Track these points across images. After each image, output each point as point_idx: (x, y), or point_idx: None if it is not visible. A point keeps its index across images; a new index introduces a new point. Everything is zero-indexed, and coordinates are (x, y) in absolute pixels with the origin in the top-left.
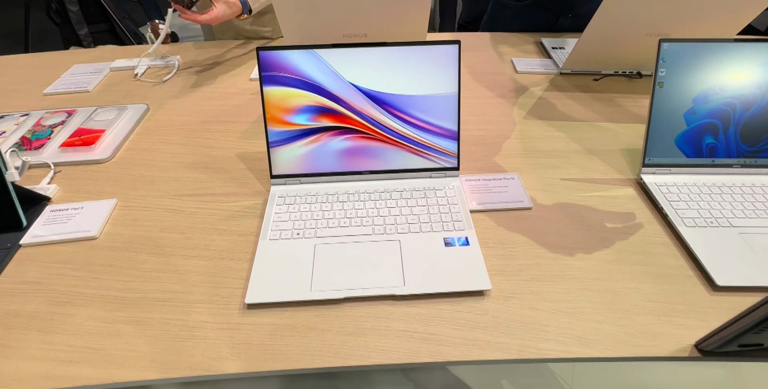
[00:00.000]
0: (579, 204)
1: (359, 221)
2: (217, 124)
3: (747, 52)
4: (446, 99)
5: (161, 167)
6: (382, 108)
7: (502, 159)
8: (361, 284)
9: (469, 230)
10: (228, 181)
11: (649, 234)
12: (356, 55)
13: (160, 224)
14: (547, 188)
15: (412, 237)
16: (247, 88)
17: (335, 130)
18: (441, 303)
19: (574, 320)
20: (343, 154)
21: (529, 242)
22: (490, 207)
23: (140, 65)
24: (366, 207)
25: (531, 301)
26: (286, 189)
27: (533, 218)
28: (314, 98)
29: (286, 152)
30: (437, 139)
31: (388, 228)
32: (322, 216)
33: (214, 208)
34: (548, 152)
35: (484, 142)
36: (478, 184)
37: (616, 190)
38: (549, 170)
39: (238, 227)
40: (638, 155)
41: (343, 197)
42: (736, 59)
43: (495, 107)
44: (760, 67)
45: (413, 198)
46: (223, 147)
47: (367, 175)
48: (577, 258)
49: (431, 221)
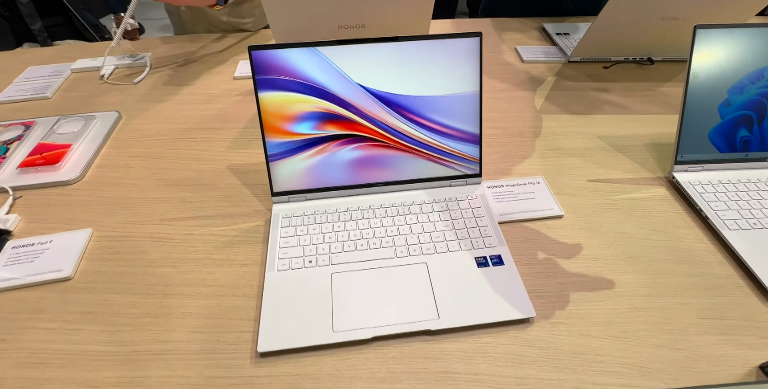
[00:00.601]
0: (611, 209)
1: (378, 242)
2: (202, 131)
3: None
4: (466, 99)
5: (141, 186)
6: (395, 111)
7: (522, 160)
8: (389, 319)
9: (501, 246)
10: (221, 199)
11: (689, 240)
12: (363, 52)
13: (147, 256)
14: (575, 192)
15: (439, 258)
16: (232, 89)
17: (343, 139)
18: (481, 335)
19: (628, 346)
20: (353, 164)
21: (565, 256)
22: (518, 217)
23: (106, 65)
24: (384, 224)
25: (580, 326)
26: (291, 207)
27: (566, 227)
28: (318, 103)
29: (288, 166)
30: (457, 144)
31: (411, 249)
32: (336, 239)
33: (208, 234)
34: (570, 150)
35: (500, 142)
36: (501, 191)
37: (648, 191)
38: (574, 171)
39: (239, 256)
40: (663, 150)
41: (356, 214)
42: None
43: (507, 101)
44: None
45: (434, 211)
46: (212, 159)
47: (381, 186)
48: (620, 272)
49: (458, 238)
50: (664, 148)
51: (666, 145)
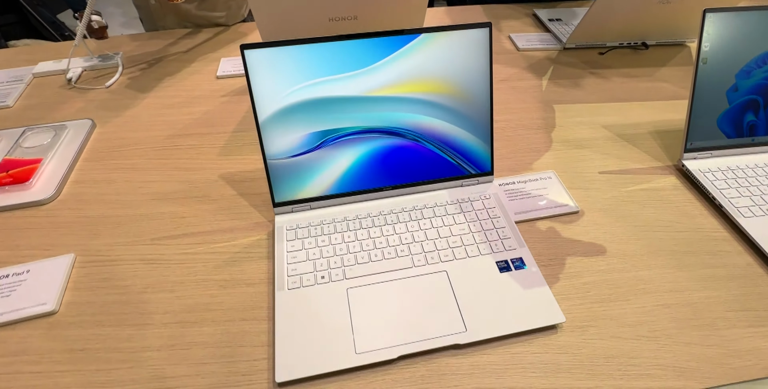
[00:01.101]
0: (625, 201)
1: (393, 251)
2: (188, 137)
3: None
4: (476, 92)
5: (126, 202)
6: (402, 106)
7: (530, 154)
8: (415, 335)
9: (521, 248)
10: (217, 213)
11: (706, 230)
12: (366, 47)
13: (141, 282)
14: (588, 185)
15: (459, 265)
16: (216, 89)
17: (347, 137)
18: (511, 345)
19: (661, 346)
20: (360, 167)
21: (586, 254)
22: (534, 215)
23: (72, 68)
24: (397, 231)
25: (610, 328)
26: (295, 218)
27: (583, 223)
28: (319, 102)
29: (290, 172)
30: (467, 140)
31: (429, 257)
32: (348, 250)
33: (206, 252)
34: (577, 142)
35: (506, 135)
36: (514, 188)
37: (659, 180)
38: (583, 163)
39: (244, 274)
40: (669, 137)
41: (366, 222)
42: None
43: (508, 92)
44: None
45: (448, 214)
46: (202, 167)
47: (389, 190)
48: (643, 267)
49: (476, 242)
50: (670, 135)
51: (670, 131)
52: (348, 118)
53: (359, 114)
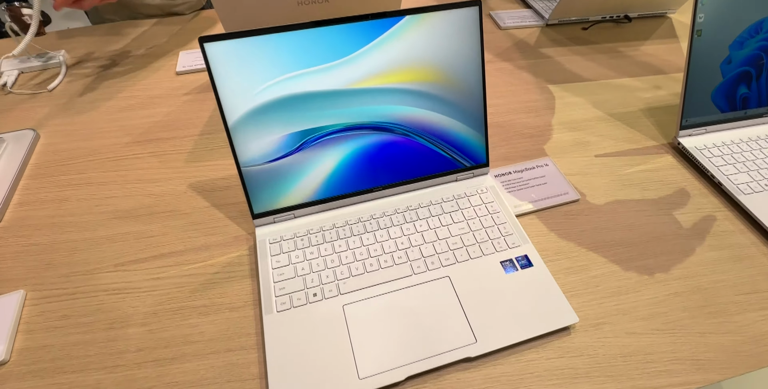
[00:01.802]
0: (625, 185)
1: (390, 259)
2: (149, 144)
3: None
4: (467, 78)
5: (83, 224)
6: (389, 98)
7: (523, 140)
8: (421, 351)
9: (525, 244)
10: (189, 229)
11: (707, 209)
12: (344, 33)
13: (106, 316)
14: (586, 170)
15: (462, 268)
16: (177, 86)
17: (330, 136)
18: (525, 352)
19: (676, 338)
20: (346, 168)
21: (592, 244)
22: (534, 206)
23: (6, 70)
24: (391, 235)
25: (623, 323)
26: (278, 229)
27: (585, 212)
28: (296, 99)
29: (268, 179)
30: (460, 131)
31: (429, 262)
32: (340, 262)
33: (180, 275)
34: (570, 124)
35: (496, 122)
36: (510, 179)
37: (656, 160)
38: (579, 147)
39: (225, 297)
40: (660, 114)
41: (358, 228)
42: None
43: (495, 75)
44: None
45: (445, 212)
46: (168, 178)
47: (380, 191)
48: (650, 255)
49: (477, 241)
50: (661, 111)
51: (661, 108)
52: (329, 115)
53: (341, 109)
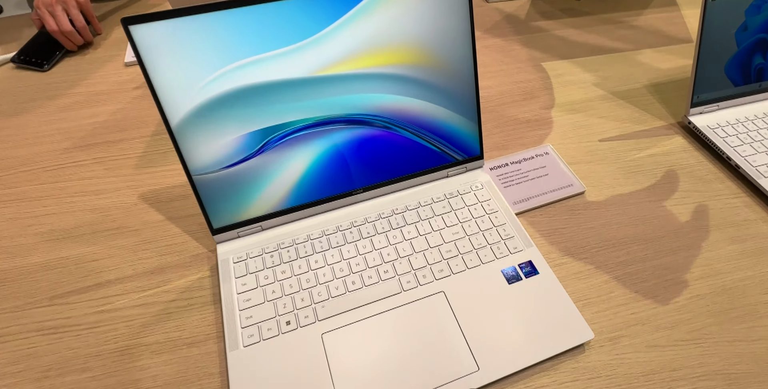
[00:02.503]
0: (634, 172)
1: (375, 274)
2: (93, 149)
3: None
4: (455, 58)
5: (12, 250)
6: (364, 85)
7: (520, 126)
8: (416, 383)
9: (529, 249)
10: (139, 249)
11: (725, 196)
12: (307, 9)
13: (39, 363)
14: (590, 157)
15: (458, 281)
16: (126, 80)
17: (297, 133)
18: (535, 377)
19: (704, 349)
20: (320, 169)
21: (602, 243)
22: (536, 202)
23: None
24: (376, 246)
25: (643, 335)
26: (243, 245)
27: (591, 205)
28: (253, 90)
29: (227, 187)
30: (449, 120)
31: (421, 276)
32: (317, 281)
33: (129, 306)
34: (569, 105)
35: (489, 107)
36: (507, 172)
37: (665, 142)
38: (581, 131)
39: (183, 331)
40: (667, 90)
41: (336, 238)
42: None
43: (483, 53)
44: None
45: (436, 215)
46: (115, 188)
47: (360, 193)
48: (667, 252)
49: (474, 247)
50: (667, 87)
51: (667, 83)
52: (295, 109)
53: (309, 101)
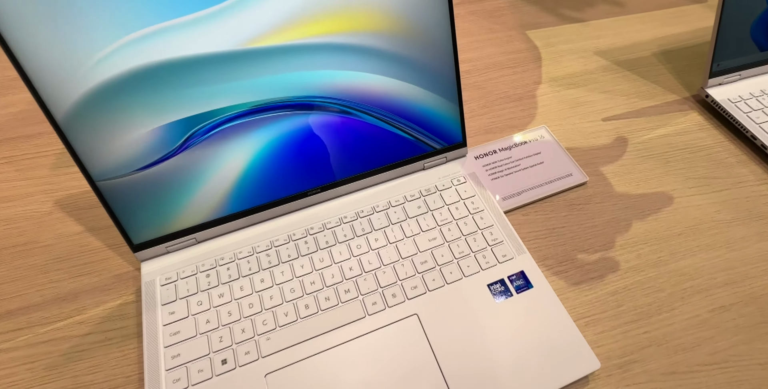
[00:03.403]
0: (643, 156)
1: (333, 295)
2: (2, 146)
3: None
4: (429, 23)
5: None
6: (314, 60)
7: (510, 105)
8: None
9: (520, 256)
10: (50, 268)
11: (750, 182)
12: None
13: None
14: (592, 140)
15: (434, 299)
16: None
17: (230, 123)
18: None
19: (731, 375)
20: (264, 166)
21: (607, 244)
22: (529, 197)
23: None
24: (335, 259)
25: (658, 359)
26: (173, 262)
27: (595, 198)
28: (164, 69)
29: (145, 194)
30: (423, 100)
31: (389, 295)
32: (261, 306)
33: (33, 343)
34: (568, 79)
35: (474, 82)
36: (496, 161)
37: (679, 120)
38: (581, 108)
39: (97, 373)
40: (679, 58)
41: (287, 250)
42: None
43: (468, 20)
44: None
45: (410, 217)
46: (26, 194)
47: (316, 194)
48: (684, 254)
49: (455, 257)
50: (679, 55)
51: (679, 50)
52: (224, 92)
53: (241, 82)
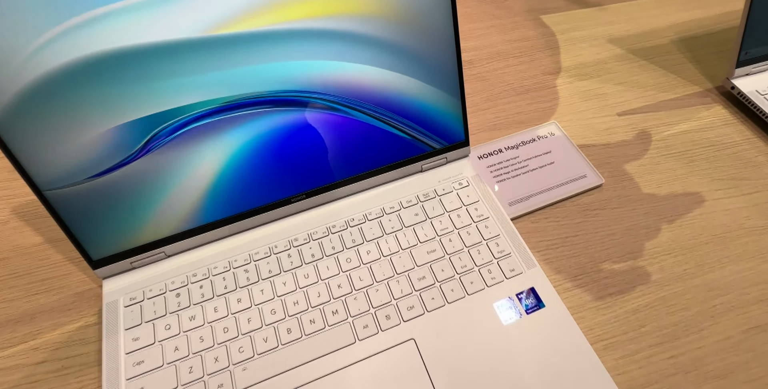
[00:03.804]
0: (664, 155)
1: (319, 317)
2: None
3: None
4: (426, 7)
5: None
6: (295, 48)
7: (516, 99)
8: None
9: (531, 270)
10: (3, 286)
11: None
12: None
13: None
14: (607, 137)
15: (434, 321)
16: None
17: (198, 122)
18: None
19: None
20: (239, 171)
21: (627, 255)
22: (538, 201)
23: None
24: (321, 274)
25: (688, 388)
26: (140, 280)
27: (612, 203)
28: (112, 57)
29: (102, 204)
30: (420, 94)
31: (382, 317)
32: (238, 330)
33: None
34: (580, 69)
35: (477, 74)
36: (501, 161)
37: (702, 114)
38: (594, 102)
39: None
40: (700, 46)
41: (268, 264)
42: None
43: (471, 6)
44: None
45: (406, 226)
46: None
47: (300, 201)
48: (712, 266)
49: (457, 272)
50: (700, 42)
51: (701, 37)
52: (190, 87)
53: (211, 75)
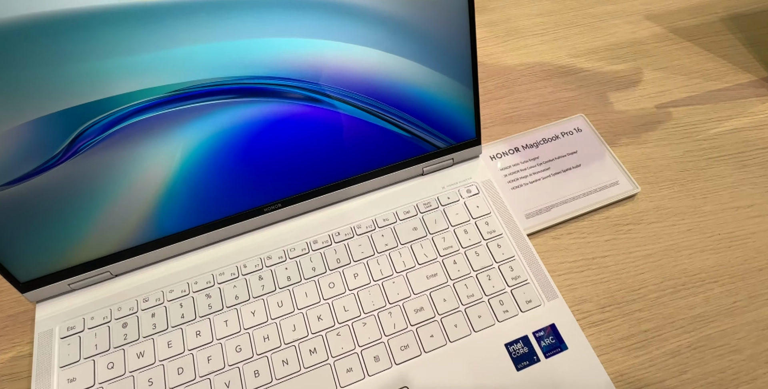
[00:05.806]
0: (710, 158)
1: (293, 356)
2: None
3: None
4: None
5: None
6: (271, 20)
7: (536, 86)
8: None
9: (551, 302)
10: None
11: None
12: None
13: None
14: (644, 134)
15: (432, 364)
16: None
17: (140, 115)
18: None
19: None
20: (196, 173)
21: (665, 285)
22: (560, 214)
23: None
24: (298, 302)
25: None
26: (80, 305)
27: (648, 216)
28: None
29: (23, 214)
30: (425, 83)
31: (369, 358)
32: (195, 372)
33: None
34: (611, 51)
35: (492, 55)
36: (518, 162)
37: (756, 108)
38: (626, 91)
39: None
40: (756, 26)
41: (234, 288)
42: None
43: None
44: None
45: (400, 245)
46: None
47: (275, 210)
48: (765, 298)
49: (461, 303)
50: (754, 20)
51: (755, 14)
52: (129, 69)
53: (156, 53)
